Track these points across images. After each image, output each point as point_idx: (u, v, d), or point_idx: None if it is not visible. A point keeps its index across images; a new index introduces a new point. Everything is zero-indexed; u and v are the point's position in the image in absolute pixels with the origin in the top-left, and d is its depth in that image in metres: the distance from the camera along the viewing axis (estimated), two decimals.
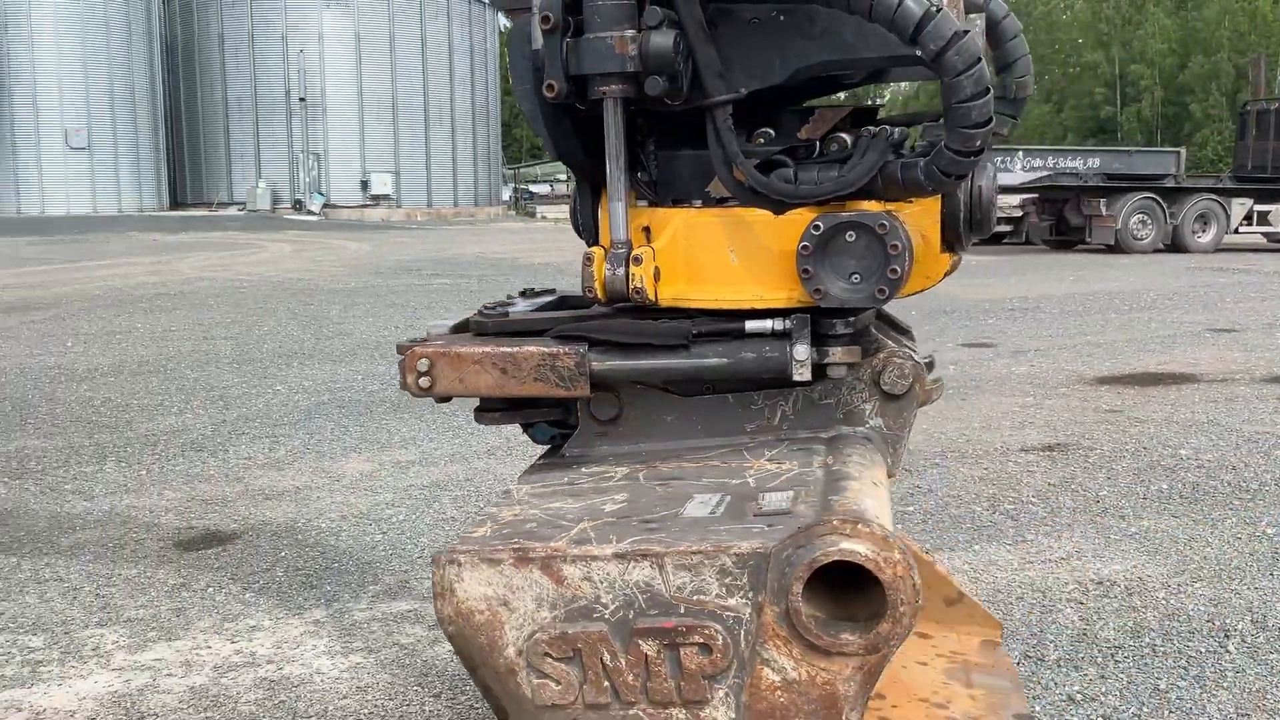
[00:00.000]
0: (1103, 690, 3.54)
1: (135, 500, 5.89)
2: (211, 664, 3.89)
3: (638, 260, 1.74)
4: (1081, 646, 3.89)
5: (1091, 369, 9.34)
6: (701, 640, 1.42)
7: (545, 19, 1.64)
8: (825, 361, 1.74)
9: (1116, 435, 6.87)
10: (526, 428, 2.05)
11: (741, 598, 1.40)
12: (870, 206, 1.69)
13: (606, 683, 1.44)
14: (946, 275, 1.99)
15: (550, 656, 1.45)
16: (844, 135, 1.76)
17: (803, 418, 1.82)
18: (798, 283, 1.67)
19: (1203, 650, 3.80)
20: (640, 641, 1.43)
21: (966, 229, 1.83)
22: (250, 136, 50.91)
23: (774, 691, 1.42)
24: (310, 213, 47.58)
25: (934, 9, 1.53)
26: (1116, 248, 23.95)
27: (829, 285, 1.67)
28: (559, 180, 64.91)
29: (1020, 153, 28.40)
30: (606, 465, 1.89)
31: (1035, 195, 25.55)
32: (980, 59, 1.56)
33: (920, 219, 1.80)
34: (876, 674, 1.40)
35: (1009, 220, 26.26)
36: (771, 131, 1.81)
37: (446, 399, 1.96)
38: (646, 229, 1.80)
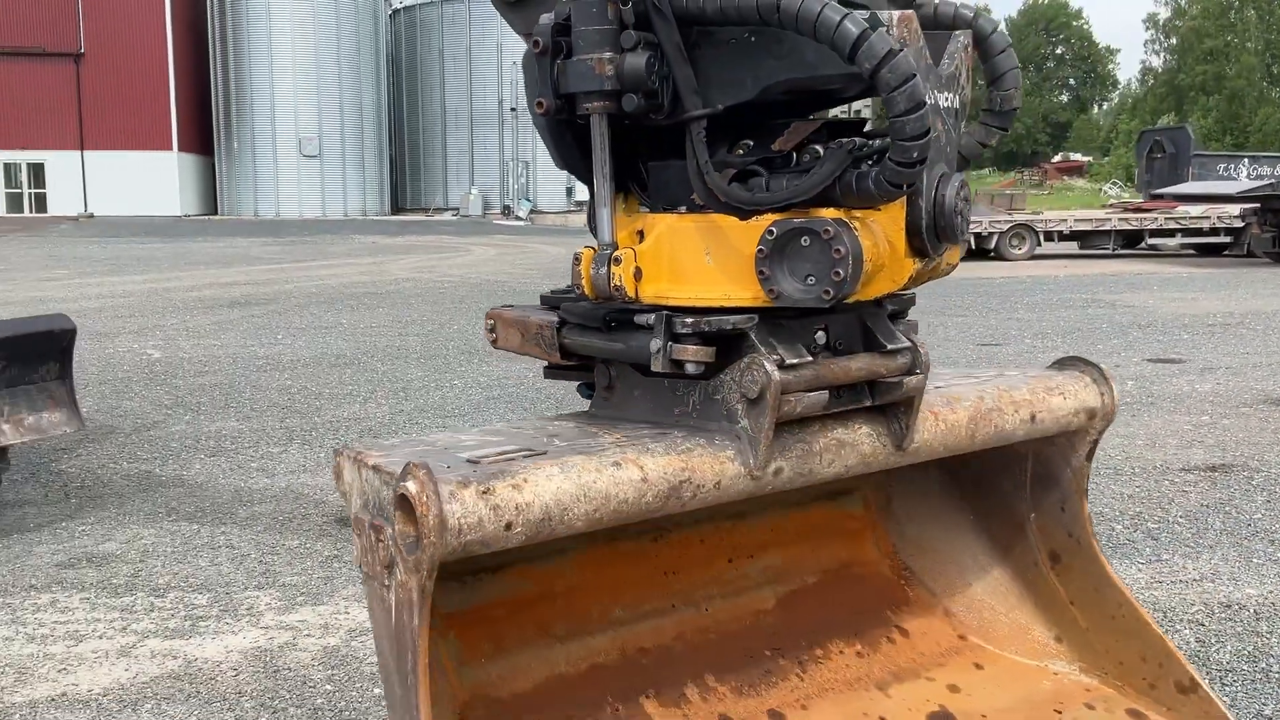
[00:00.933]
0: None
1: (310, 479, 6.41)
2: (347, 628, 4.25)
3: (618, 261, 1.92)
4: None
5: None
6: (382, 539, 1.83)
7: (535, 43, 1.83)
8: (675, 357, 1.89)
9: None
10: (578, 387, 2.34)
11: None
12: (828, 213, 1.80)
13: (368, 556, 1.87)
14: (922, 280, 2.06)
15: (355, 531, 1.92)
16: (818, 147, 1.88)
17: (704, 409, 1.99)
18: None
19: None
20: (373, 531, 1.85)
21: (931, 236, 1.90)
22: (465, 145, 53.22)
23: (400, 586, 1.80)
24: (518, 218, 49.35)
25: (869, 29, 1.63)
26: None
27: (783, 286, 1.79)
28: None
29: (1245, 160, 26.63)
30: (574, 422, 2.19)
31: (1257, 205, 23.94)
32: (914, 75, 1.65)
33: (887, 226, 1.89)
34: (424, 591, 1.75)
35: (1229, 231, 24.72)
36: (751, 143, 1.95)
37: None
38: (640, 232, 1.97)
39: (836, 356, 1.96)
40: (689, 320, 1.85)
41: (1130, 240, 25.32)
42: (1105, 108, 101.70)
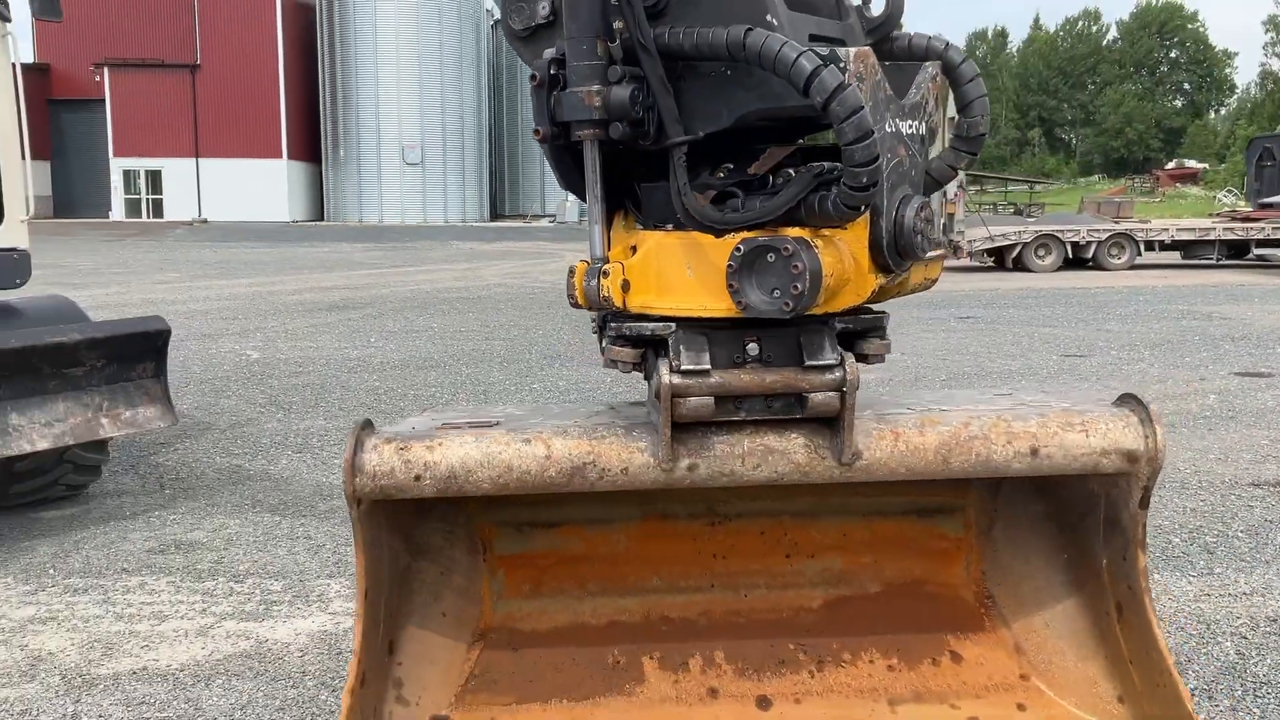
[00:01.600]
0: None
1: None
2: None
3: (605, 274, 2.08)
4: (1225, 679, 3.80)
5: None
6: None
7: (533, 77, 2.01)
8: (608, 356, 2.10)
9: None
10: None
11: None
12: (794, 232, 1.94)
13: None
14: (891, 294, 2.16)
15: None
16: (791, 170, 2.02)
17: (653, 404, 2.18)
18: None
19: None
20: None
21: (893, 253, 2.02)
22: None
23: None
24: None
25: (821, 65, 1.77)
26: None
27: (750, 298, 1.93)
28: None
29: None
30: (604, 408, 2.47)
31: None
32: (861, 108, 1.78)
33: (852, 243, 2.02)
34: (353, 520, 2.16)
35: None
36: (731, 166, 2.10)
37: None
38: (634, 247, 2.14)
39: (765, 368, 2.07)
40: (613, 325, 2.04)
41: (1237, 250, 24.55)
42: (1222, 113, 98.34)
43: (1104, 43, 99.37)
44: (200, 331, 13.51)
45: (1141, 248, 23.88)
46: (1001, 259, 23.77)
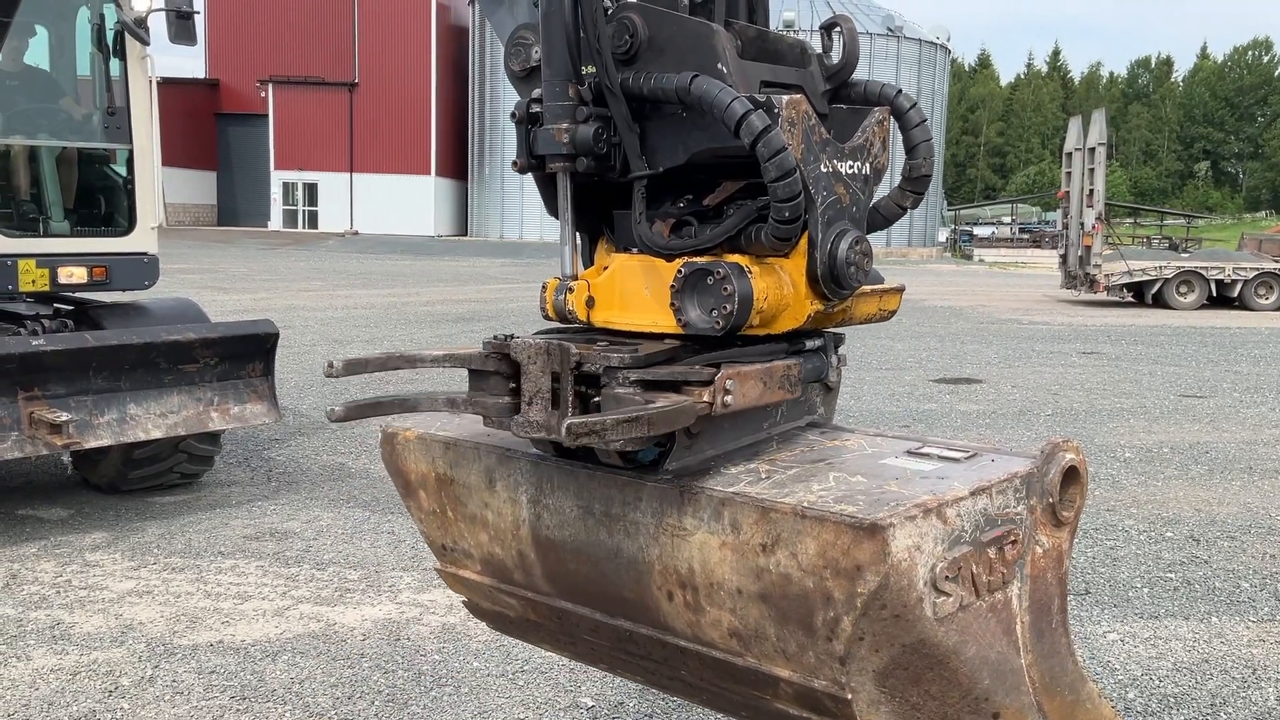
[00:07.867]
0: None
1: None
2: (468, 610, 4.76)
3: (571, 290, 2.28)
4: None
5: None
6: None
7: (513, 115, 2.23)
8: None
9: None
10: None
11: None
12: (735, 258, 2.10)
13: None
14: (835, 320, 2.27)
15: None
16: (746, 203, 2.18)
17: None
18: None
19: None
20: None
21: (827, 283, 2.15)
22: None
23: None
24: None
25: (751, 110, 1.93)
26: None
27: (690, 316, 2.09)
28: (1003, 223, 62.69)
29: None
30: None
31: None
32: (784, 149, 1.92)
33: (793, 272, 2.16)
34: None
35: None
36: (690, 197, 2.27)
37: None
38: (605, 267, 2.33)
39: None
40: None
41: None
42: None
43: (1276, 73, 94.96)
44: (332, 337, 14.20)
45: None
46: (1141, 295, 23.01)
